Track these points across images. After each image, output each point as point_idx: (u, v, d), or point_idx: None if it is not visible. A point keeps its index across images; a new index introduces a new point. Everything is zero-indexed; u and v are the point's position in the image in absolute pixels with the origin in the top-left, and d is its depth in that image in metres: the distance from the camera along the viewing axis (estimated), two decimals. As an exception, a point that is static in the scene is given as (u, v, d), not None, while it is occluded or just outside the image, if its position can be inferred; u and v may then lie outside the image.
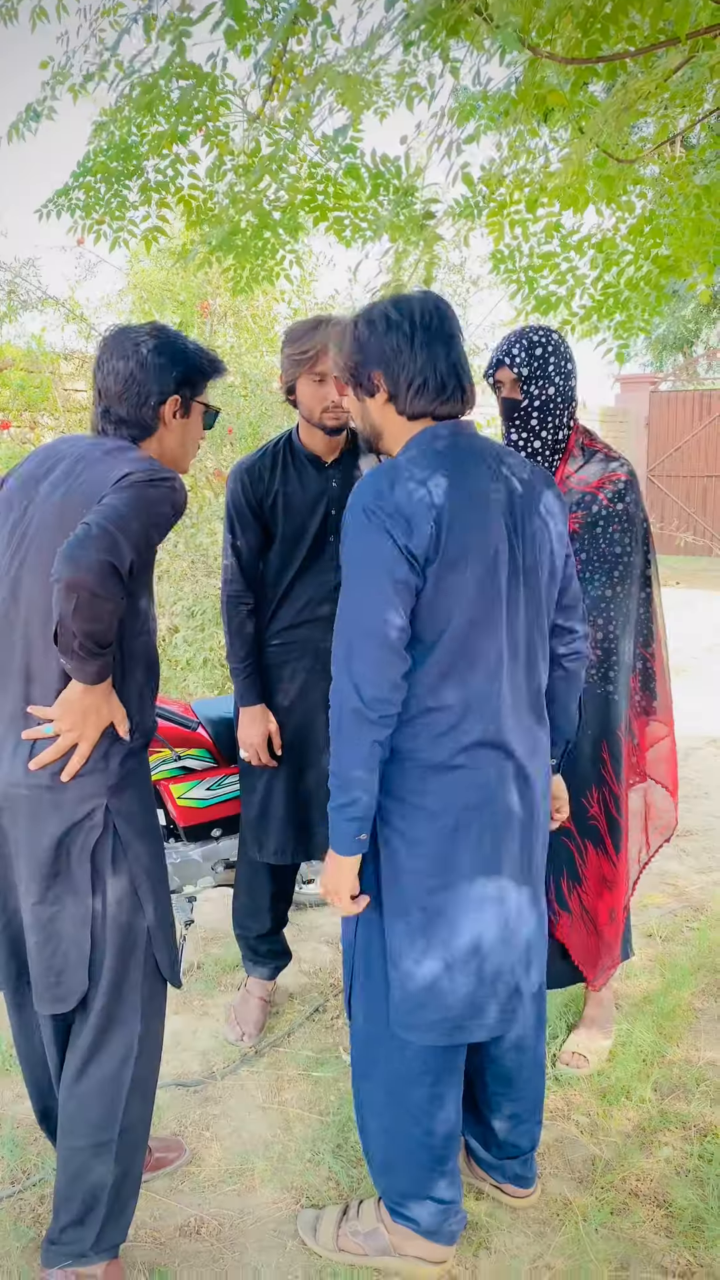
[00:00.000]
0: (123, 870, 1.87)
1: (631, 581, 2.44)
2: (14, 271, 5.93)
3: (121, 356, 1.86)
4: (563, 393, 2.36)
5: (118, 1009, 1.90)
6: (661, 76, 2.34)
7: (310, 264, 6.29)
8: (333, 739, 1.74)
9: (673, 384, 15.55)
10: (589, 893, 2.53)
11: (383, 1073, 1.94)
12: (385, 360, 1.75)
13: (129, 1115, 1.94)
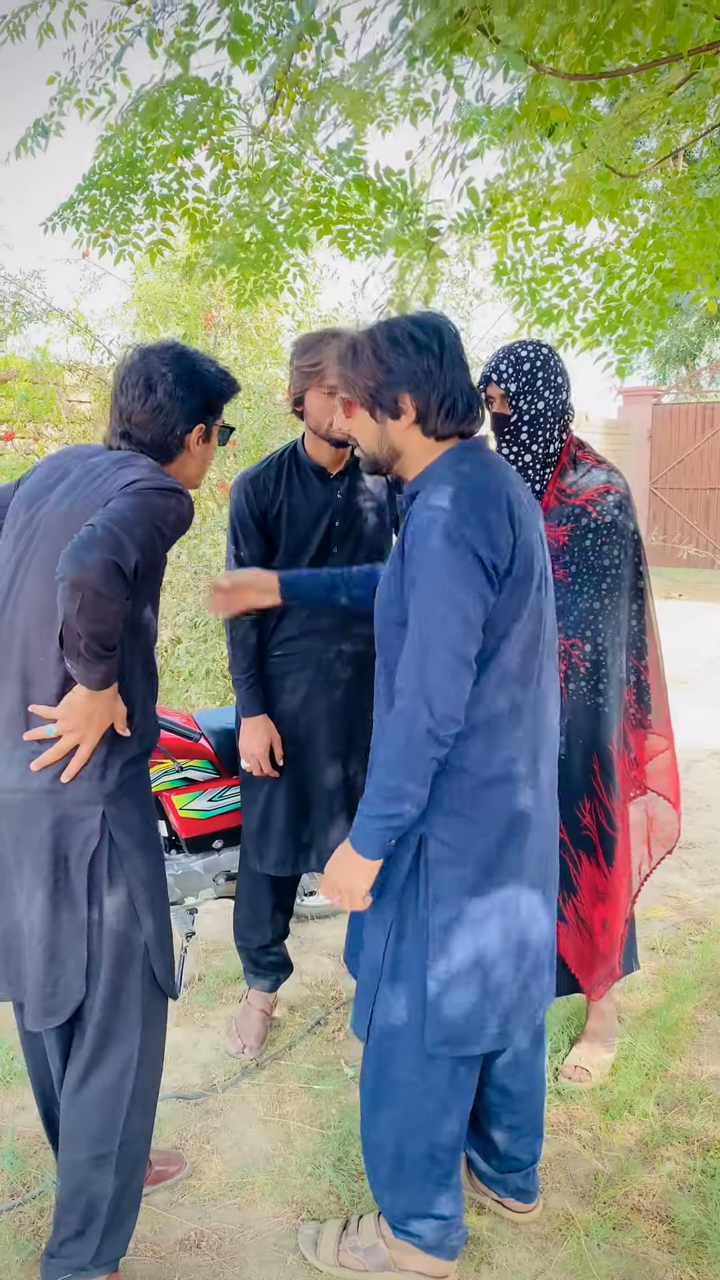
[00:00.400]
0: (120, 881, 1.86)
1: (621, 594, 2.44)
2: (19, 284, 5.96)
3: (148, 385, 1.86)
4: (553, 407, 2.37)
5: (116, 1020, 1.89)
6: (664, 92, 2.36)
7: (314, 277, 6.32)
8: (388, 752, 1.70)
9: (675, 397, 15.58)
10: (584, 903, 2.53)
11: (402, 1087, 1.91)
12: (416, 382, 1.72)
13: (130, 1128, 1.93)
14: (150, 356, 1.90)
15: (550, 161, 2.87)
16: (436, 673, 1.66)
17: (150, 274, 6.65)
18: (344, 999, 3.15)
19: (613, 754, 2.47)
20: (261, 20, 2.74)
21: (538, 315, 3.76)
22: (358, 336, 1.78)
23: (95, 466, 1.85)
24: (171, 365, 1.87)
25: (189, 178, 3.33)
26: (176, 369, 1.87)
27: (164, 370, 1.87)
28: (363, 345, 1.76)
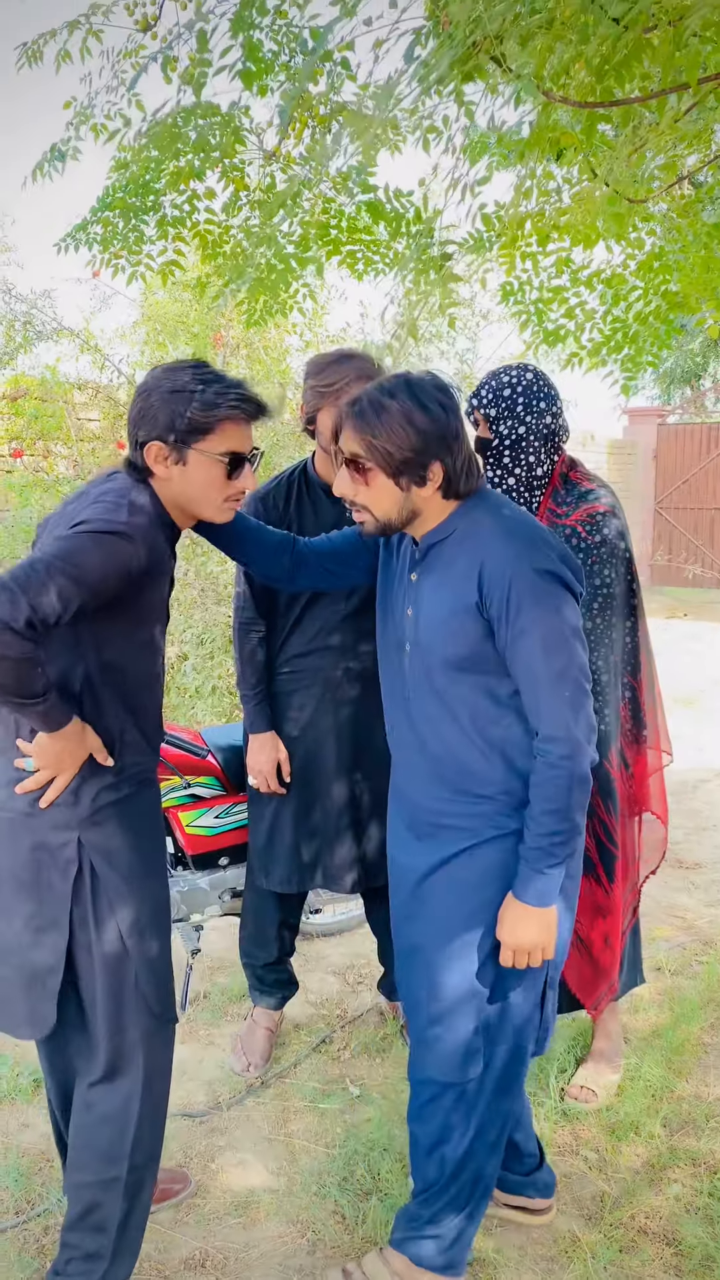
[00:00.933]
0: (105, 908, 1.83)
1: (614, 612, 2.45)
2: (30, 303, 6.01)
3: (143, 386, 1.80)
4: (534, 431, 2.39)
5: (120, 1044, 1.88)
6: (672, 119, 2.39)
7: (322, 297, 6.37)
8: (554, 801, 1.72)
9: (680, 417, 15.65)
10: (583, 921, 2.53)
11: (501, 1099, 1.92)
12: (448, 448, 1.70)
13: (138, 1152, 1.92)
14: (161, 365, 1.84)
15: (559, 186, 2.91)
16: (585, 716, 1.72)
17: (160, 293, 6.70)
18: (349, 1017, 3.14)
19: (610, 772, 2.48)
20: (274, 46, 2.78)
21: (544, 335, 3.79)
22: (380, 400, 1.69)
23: (80, 494, 1.85)
24: (159, 374, 1.79)
25: (201, 199, 3.37)
26: (159, 379, 1.78)
27: (150, 377, 1.81)
28: (391, 411, 1.68)
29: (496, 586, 1.70)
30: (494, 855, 1.83)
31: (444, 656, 1.79)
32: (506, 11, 1.60)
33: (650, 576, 14.06)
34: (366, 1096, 2.73)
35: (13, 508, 5.55)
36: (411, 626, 1.85)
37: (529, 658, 1.70)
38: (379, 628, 1.97)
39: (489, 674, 1.78)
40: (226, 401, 1.76)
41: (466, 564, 1.75)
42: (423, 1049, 1.91)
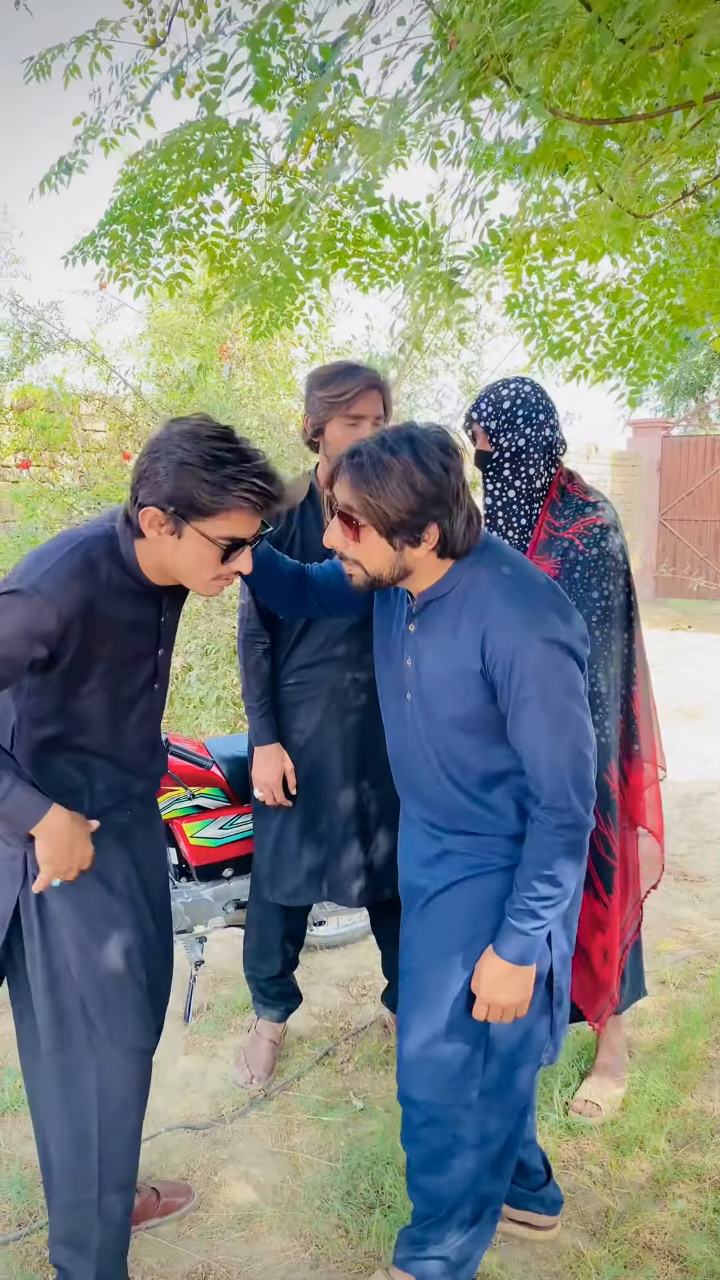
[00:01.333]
0: (49, 928, 1.83)
1: (613, 625, 2.45)
2: (38, 315, 6.04)
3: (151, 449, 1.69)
4: (534, 443, 2.40)
5: (67, 1061, 1.86)
6: (677, 135, 2.40)
7: (328, 309, 6.39)
8: (555, 861, 1.71)
9: (684, 429, 15.66)
10: (583, 934, 2.52)
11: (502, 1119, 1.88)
12: (446, 510, 1.65)
13: (107, 1177, 1.90)
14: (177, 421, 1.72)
15: (567, 201, 2.92)
16: (587, 785, 1.70)
17: (166, 305, 6.74)
18: (352, 1030, 3.13)
19: (610, 784, 2.48)
20: (282, 62, 2.79)
21: (549, 348, 3.80)
22: (382, 456, 1.63)
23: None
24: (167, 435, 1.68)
25: (208, 213, 3.39)
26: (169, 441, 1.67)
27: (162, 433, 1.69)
28: (392, 470, 1.61)
29: (500, 656, 1.67)
30: (499, 885, 1.82)
31: (447, 716, 1.78)
32: (514, 31, 1.61)
33: (655, 589, 14.06)
34: (370, 1109, 2.73)
35: (19, 518, 5.57)
36: (413, 678, 1.83)
37: (532, 728, 1.68)
38: (378, 668, 1.95)
39: (492, 733, 1.76)
40: (237, 490, 1.66)
41: (469, 629, 1.71)
42: (410, 1071, 1.87)
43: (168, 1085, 2.83)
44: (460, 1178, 1.86)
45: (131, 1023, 1.90)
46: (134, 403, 6.23)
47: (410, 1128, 1.90)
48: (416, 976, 1.88)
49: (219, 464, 1.65)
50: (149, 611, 1.85)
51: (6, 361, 6.17)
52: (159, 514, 1.67)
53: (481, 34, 1.64)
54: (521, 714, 1.68)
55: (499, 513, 2.47)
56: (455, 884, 1.85)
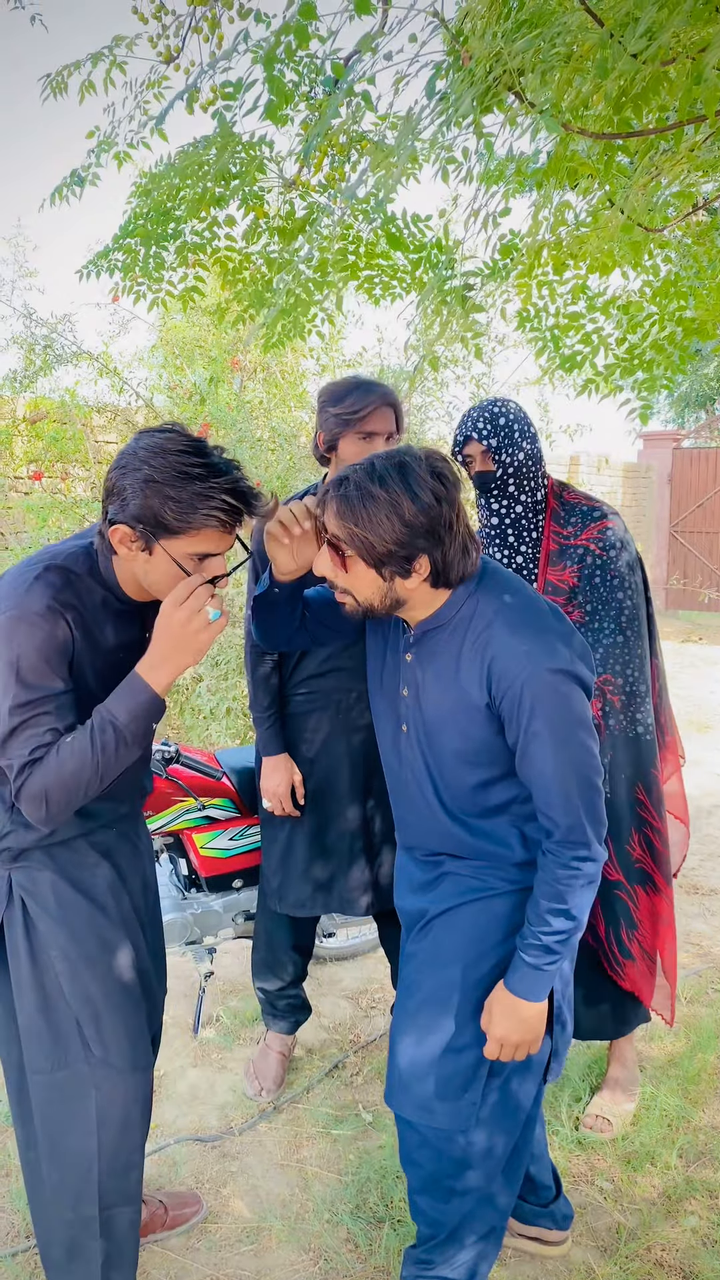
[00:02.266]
0: (39, 947, 1.81)
1: (640, 622, 2.50)
2: (51, 327, 6.07)
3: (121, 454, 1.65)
4: (531, 455, 2.44)
5: (59, 1084, 1.84)
6: (688, 149, 2.41)
7: (339, 321, 6.42)
8: (570, 895, 1.67)
9: (695, 441, 15.65)
10: (646, 935, 2.54)
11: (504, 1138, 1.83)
12: (437, 540, 1.60)
13: (109, 1194, 1.88)
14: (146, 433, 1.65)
15: (579, 215, 2.93)
16: (599, 815, 1.69)
17: (178, 317, 6.77)
18: (362, 1042, 3.13)
19: (656, 777, 2.51)
20: (295, 77, 2.81)
21: (561, 361, 3.81)
22: (369, 487, 1.58)
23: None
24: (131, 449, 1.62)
25: (221, 227, 3.41)
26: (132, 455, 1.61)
27: (130, 447, 1.63)
28: (378, 500, 1.57)
29: (508, 688, 1.63)
30: (502, 908, 1.80)
31: (450, 750, 1.75)
32: (527, 47, 1.62)
33: (665, 600, 14.03)
34: (379, 1123, 2.71)
35: (31, 529, 5.59)
36: (411, 709, 1.79)
37: (542, 760, 1.65)
38: (372, 695, 1.91)
39: (498, 766, 1.74)
40: (205, 508, 1.59)
41: (472, 660, 1.67)
42: (405, 1093, 1.80)
43: (176, 1097, 2.83)
44: (462, 1199, 1.81)
45: (127, 1042, 1.87)
46: (146, 415, 6.26)
47: (407, 1148, 1.84)
48: (414, 996, 1.84)
49: (186, 480, 1.58)
50: (133, 631, 1.81)
51: (20, 374, 6.21)
52: (129, 531, 1.62)
53: (495, 50, 1.65)
54: (532, 747, 1.65)
55: (509, 529, 2.48)
56: (457, 907, 1.82)
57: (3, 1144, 2.62)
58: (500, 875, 1.80)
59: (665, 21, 1.44)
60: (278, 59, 2.26)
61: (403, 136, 1.92)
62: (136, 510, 1.59)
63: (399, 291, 3.69)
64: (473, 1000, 1.78)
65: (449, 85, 1.88)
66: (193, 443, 1.62)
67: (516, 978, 1.70)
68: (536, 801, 1.69)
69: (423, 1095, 1.77)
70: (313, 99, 2.91)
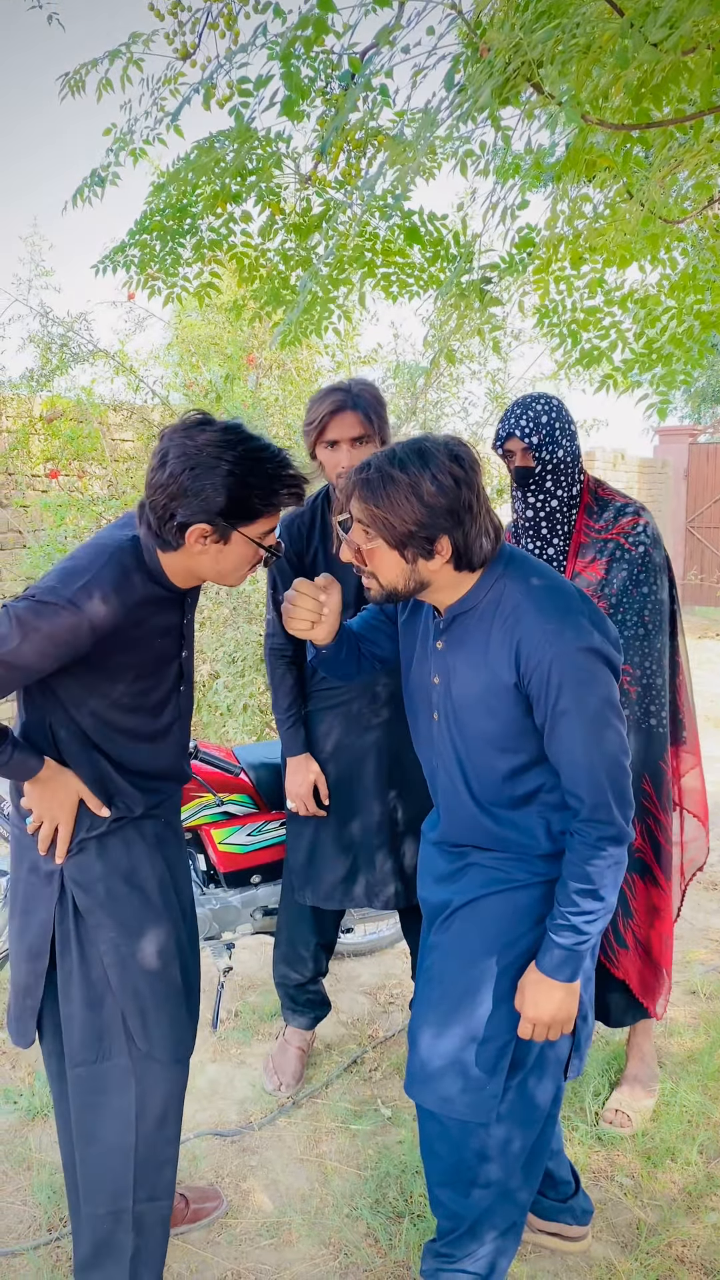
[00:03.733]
0: (87, 939, 1.83)
1: (662, 617, 2.53)
2: (66, 326, 6.09)
3: (163, 456, 1.67)
4: (570, 452, 2.48)
5: (101, 1076, 1.85)
6: (706, 140, 2.40)
7: (355, 317, 6.41)
8: (598, 875, 1.68)
9: (711, 436, 15.55)
10: (640, 924, 2.54)
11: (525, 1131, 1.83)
12: (457, 521, 1.63)
13: (141, 1187, 1.89)
14: (192, 428, 1.69)
15: (598, 209, 2.92)
16: (626, 795, 1.69)
17: (194, 314, 6.78)
18: (381, 1037, 3.13)
19: (665, 770, 2.52)
20: (310, 73, 2.81)
21: (579, 356, 3.79)
22: (388, 470, 1.62)
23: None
24: (199, 447, 1.65)
25: (237, 223, 3.41)
26: (202, 452, 1.65)
27: (187, 445, 1.66)
28: (398, 483, 1.61)
29: (536, 667, 1.65)
30: (526, 899, 1.80)
31: (480, 733, 1.76)
32: (547, 38, 1.62)
33: (682, 596, 13.96)
34: (398, 1118, 2.72)
35: (48, 527, 5.61)
36: (441, 696, 1.81)
37: (570, 739, 1.66)
38: (405, 687, 1.93)
39: (526, 749, 1.75)
40: (283, 489, 1.71)
41: (501, 641, 1.69)
42: (427, 1084, 1.80)
43: (196, 1092, 2.84)
44: (482, 1193, 1.82)
45: (171, 1033, 1.90)
46: (161, 412, 6.27)
47: (428, 1140, 1.85)
48: (436, 987, 1.84)
49: (261, 465, 1.67)
50: (174, 616, 1.87)
51: (36, 372, 6.22)
52: (207, 528, 1.68)
53: (514, 41, 1.64)
54: (560, 725, 1.66)
55: (543, 523, 2.51)
56: (481, 898, 1.83)
57: (25, 1137, 2.63)
58: (525, 867, 1.80)
59: (686, 10, 1.43)
60: (294, 55, 2.26)
61: (421, 130, 1.92)
62: (222, 505, 1.66)
63: (415, 289, 3.69)
64: (496, 991, 1.77)
65: (467, 77, 1.88)
66: (241, 430, 1.70)
67: (548, 959, 1.71)
68: (564, 781, 1.70)
69: (444, 1086, 1.77)
70: (329, 94, 2.91)
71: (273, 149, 2.94)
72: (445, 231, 3.40)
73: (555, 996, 1.71)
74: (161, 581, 1.80)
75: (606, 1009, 2.61)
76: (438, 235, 3.39)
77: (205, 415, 1.72)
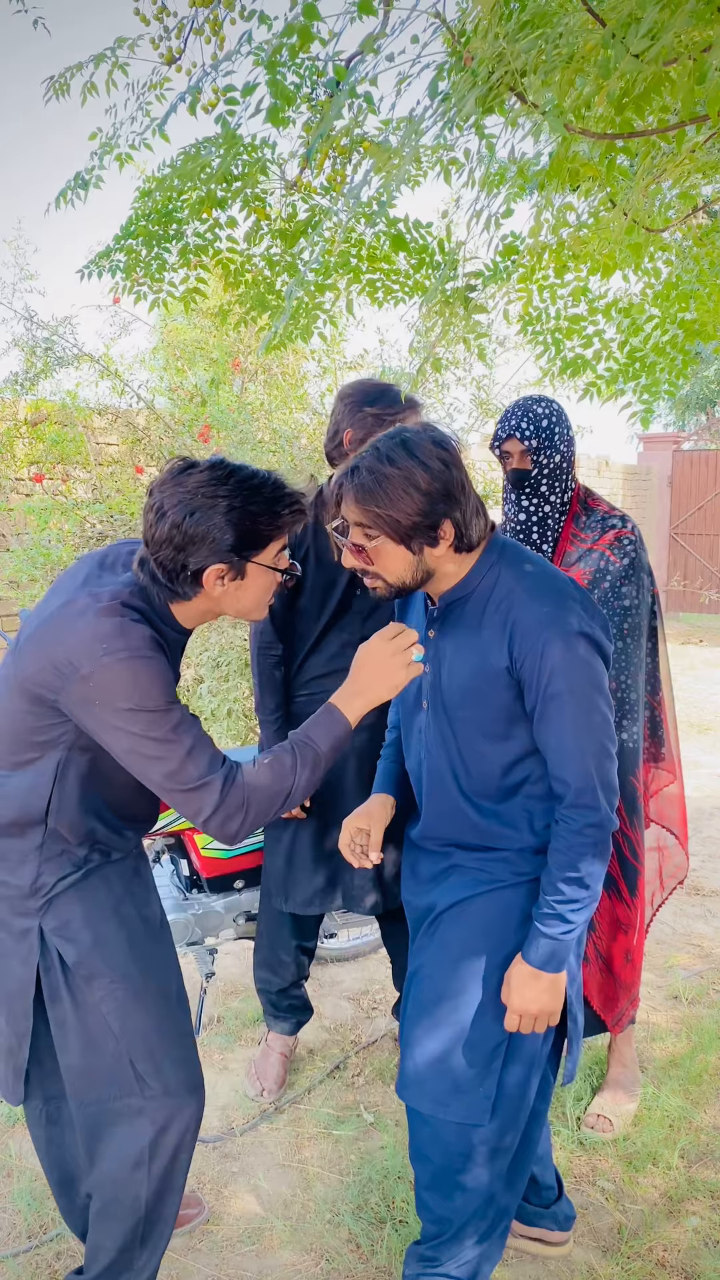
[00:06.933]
0: (79, 989, 1.78)
1: (640, 632, 2.53)
2: (52, 330, 6.08)
3: (160, 509, 1.64)
4: (566, 458, 2.51)
5: (114, 1114, 1.83)
6: (689, 150, 2.42)
7: (342, 323, 6.42)
8: (583, 862, 1.68)
9: (695, 443, 15.65)
10: (603, 937, 2.55)
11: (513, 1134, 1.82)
12: (455, 502, 1.67)
13: (156, 1214, 1.89)
14: (180, 474, 1.67)
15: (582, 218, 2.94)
16: (611, 782, 1.70)
17: (179, 319, 6.78)
18: (364, 1043, 3.12)
19: (637, 786, 2.51)
20: (296, 79, 2.82)
21: (562, 365, 3.81)
22: (380, 468, 1.64)
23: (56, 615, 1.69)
24: (193, 490, 1.64)
25: (223, 228, 3.41)
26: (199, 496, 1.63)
27: (181, 494, 1.64)
28: (392, 479, 1.63)
29: (529, 650, 1.66)
30: (513, 898, 1.80)
31: (469, 719, 1.77)
32: (530, 48, 1.63)
33: (666, 603, 14.03)
34: (381, 1123, 2.71)
35: (32, 531, 5.59)
36: (430, 686, 1.82)
37: (559, 722, 1.67)
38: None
39: (515, 738, 1.75)
40: (284, 508, 1.70)
41: (495, 626, 1.71)
42: (418, 1086, 1.80)
43: (178, 1097, 2.83)
44: (469, 1197, 1.81)
45: (183, 1067, 1.86)
46: (147, 416, 6.26)
47: (417, 1144, 1.85)
48: (427, 990, 1.84)
49: (257, 491, 1.67)
50: (177, 658, 1.84)
51: (21, 376, 6.21)
52: (223, 568, 1.67)
53: (497, 51, 1.65)
54: (550, 709, 1.68)
55: (534, 527, 2.53)
56: (466, 900, 1.83)
57: (5, 1144, 2.62)
58: (508, 867, 1.81)
59: (668, 22, 1.44)
60: (280, 62, 2.27)
61: (406, 138, 1.93)
62: (232, 541, 1.65)
63: (401, 295, 3.70)
64: (486, 992, 1.78)
65: (451, 86, 1.89)
66: (227, 463, 1.69)
67: (535, 950, 1.72)
68: (551, 766, 1.71)
69: (438, 1088, 1.77)
70: (315, 101, 2.91)
71: (258, 155, 2.95)
72: (430, 239, 3.41)
73: (540, 986, 1.72)
74: (172, 624, 1.77)
75: None
76: (423, 242, 3.40)
77: (186, 459, 1.71)
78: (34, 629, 1.71)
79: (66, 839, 1.76)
